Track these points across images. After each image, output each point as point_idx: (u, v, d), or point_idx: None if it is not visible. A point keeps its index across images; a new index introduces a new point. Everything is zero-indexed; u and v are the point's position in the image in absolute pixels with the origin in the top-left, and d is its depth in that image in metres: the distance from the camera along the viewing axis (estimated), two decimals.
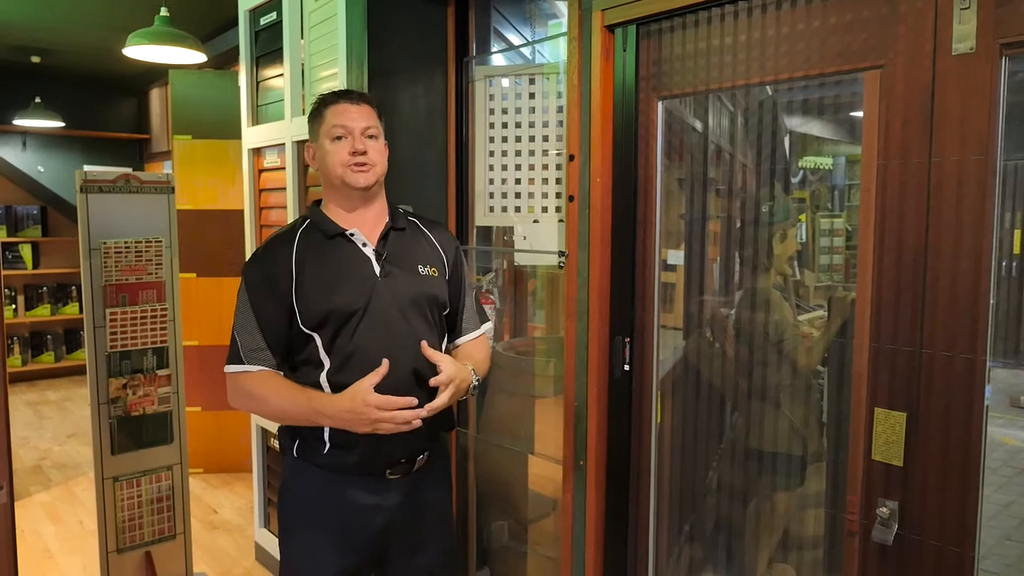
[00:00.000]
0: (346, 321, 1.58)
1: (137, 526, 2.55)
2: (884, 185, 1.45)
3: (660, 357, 1.93)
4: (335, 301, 1.58)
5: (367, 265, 1.63)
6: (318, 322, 1.58)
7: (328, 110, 1.66)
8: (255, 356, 1.60)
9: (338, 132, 1.63)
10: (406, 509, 1.67)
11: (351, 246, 1.64)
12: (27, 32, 5.15)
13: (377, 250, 1.65)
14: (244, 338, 1.61)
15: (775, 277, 2.05)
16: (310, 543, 1.65)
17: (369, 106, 1.69)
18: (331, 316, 1.57)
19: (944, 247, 1.37)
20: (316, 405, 1.55)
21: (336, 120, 1.64)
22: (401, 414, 1.49)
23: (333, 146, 1.64)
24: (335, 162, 1.63)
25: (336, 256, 1.63)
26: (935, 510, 1.42)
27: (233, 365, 1.62)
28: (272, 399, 1.59)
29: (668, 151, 1.88)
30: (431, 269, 1.70)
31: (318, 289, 1.59)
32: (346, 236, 1.65)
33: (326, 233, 1.65)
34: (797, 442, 1.99)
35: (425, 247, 1.74)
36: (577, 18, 1.90)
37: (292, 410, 1.58)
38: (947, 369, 1.38)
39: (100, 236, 2.41)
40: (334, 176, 1.65)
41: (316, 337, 1.59)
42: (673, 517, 2.01)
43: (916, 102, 1.40)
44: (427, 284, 1.68)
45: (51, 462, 4.59)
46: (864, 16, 1.45)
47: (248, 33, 2.89)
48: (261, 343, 1.60)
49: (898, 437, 1.46)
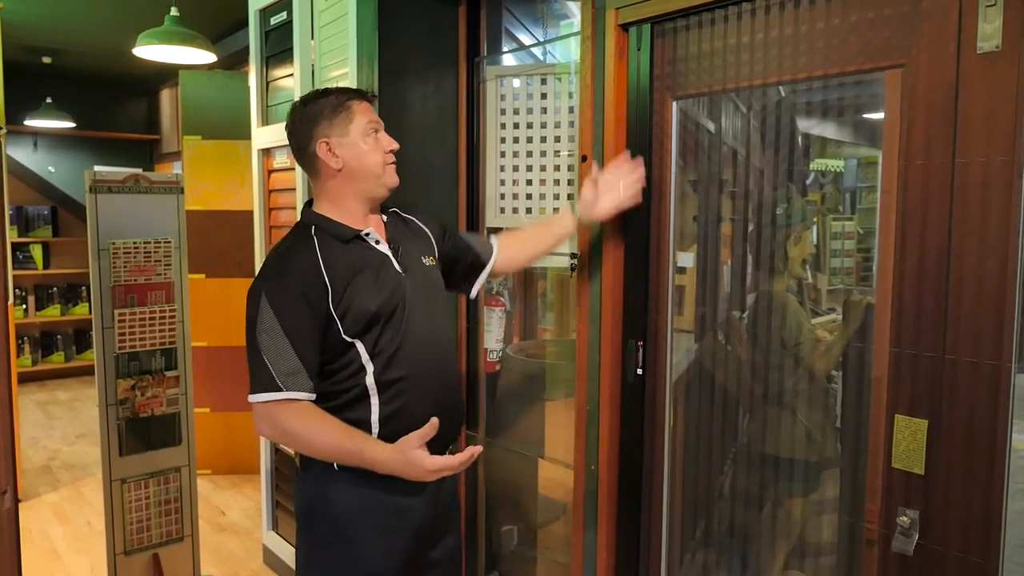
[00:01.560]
0: (388, 321, 1.55)
1: (145, 528, 2.54)
2: (906, 186, 1.42)
3: (673, 361, 1.90)
4: (376, 304, 1.54)
5: (388, 264, 1.60)
6: (362, 328, 1.53)
7: (357, 105, 1.59)
8: (293, 381, 1.48)
9: (375, 127, 1.60)
10: (434, 504, 1.66)
11: (367, 247, 1.60)
12: (38, 32, 5.17)
13: (392, 247, 1.63)
14: (277, 362, 1.47)
15: (789, 280, 2.02)
16: (352, 559, 1.58)
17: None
18: (376, 319, 1.53)
19: (968, 250, 1.34)
20: (367, 459, 1.47)
21: (370, 115, 1.60)
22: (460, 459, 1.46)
23: (371, 143, 1.59)
24: (376, 160, 1.59)
25: (359, 259, 1.57)
26: (958, 520, 1.39)
27: (266, 393, 1.47)
28: (315, 441, 1.49)
29: (683, 152, 1.85)
30: (429, 259, 1.71)
31: (357, 294, 1.53)
32: (361, 237, 1.60)
33: (341, 237, 1.58)
34: (811, 448, 1.96)
35: (417, 237, 1.74)
36: (590, 17, 1.88)
37: (338, 456, 1.51)
38: (971, 376, 1.35)
39: (109, 236, 2.40)
40: (372, 175, 1.59)
41: (358, 343, 1.53)
42: (686, 523, 1.98)
43: (939, 102, 1.36)
44: (434, 274, 1.71)
45: (60, 462, 4.59)
46: (886, 14, 1.42)
47: (258, 33, 2.87)
48: (298, 365, 1.48)
49: (919, 445, 1.43)
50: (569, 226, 1.87)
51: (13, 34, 5.06)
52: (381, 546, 1.59)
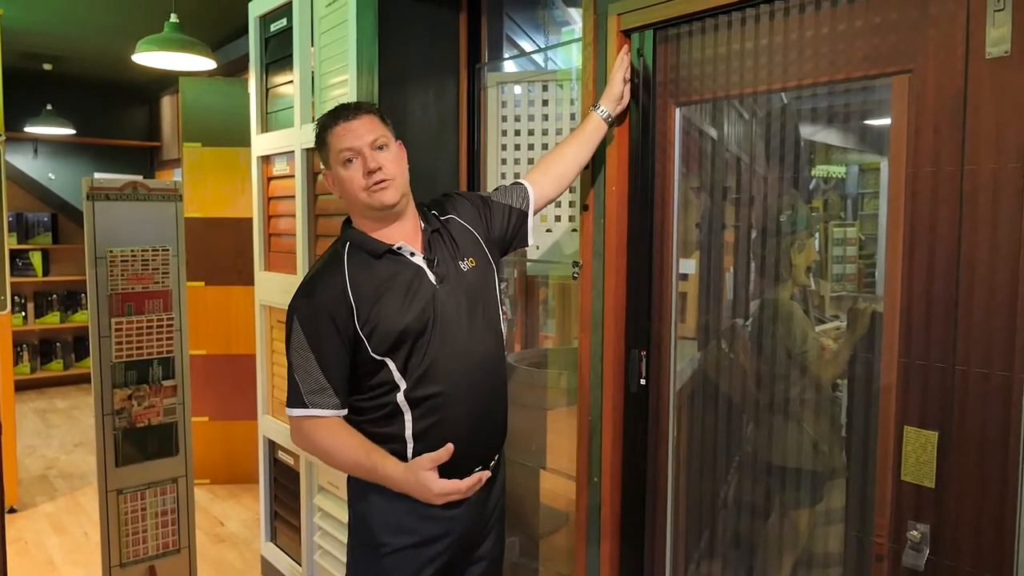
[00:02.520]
0: (419, 336, 1.53)
1: (141, 540, 2.51)
2: (914, 194, 1.39)
3: (677, 370, 1.87)
4: (404, 322, 1.52)
5: (422, 276, 1.58)
6: (390, 346, 1.52)
7: (330, 135, 1.58)
8: (318, 399, 1.54)
9: (346, 156, 1.56)
10: (480, 511, 1.66)
11: (401, 260, 1.58)
12: (39, 39, 5.17)
13: (428, 258, 1.60)
14: (304, 380, 1.53)
15: (793, 288, 2.00)
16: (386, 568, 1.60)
17: (370, 115, 1.60)
18: (404, 338, 1.52)
19: (979, 259, 1.31)
20: (381, 474, 1.52)
21: (340, 144, 1.56)
22: (473, 488, 1.53)
23: (347, 172, 1.57)
24: (354, 189, 1.57)
25: (391, 275, 1.56)
26: (970, 534, 1.36)
27: (296, 408, 1.56)
28: (337, 455, 1.56)
29: (686, 159, 1.83)
30: (469, 260, 1.66)
31: (386, 313, 1.52)
32: (394, 251, 1.58)
33: (373, 253, 1.58)
34: (816, 458, 1.93)
35: (457, 237, 1.69)
36: (592, 23, 1.86)
37: (353, 468, 1.57)
38: (983, 387, 1.32)
39: (106, 244, 2.38)
40: (357, 203, 1.59)
41: (388, 361, 1.54)
42: (691, 535, 1.94)
43: (948, 107, 1.34)
44: (475, 277, 1.65)
45: (57, 472, 4.56)
46: (892, 19, 1.40)
47: (258, 40, 2.86)
48: (324, 383, 1.53)
49: (930, 457, 1.40)
50: (602, 129, 1.80)
51: (14, 41, 5.05)
52: (417, 556, 1.59)
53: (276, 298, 2.77)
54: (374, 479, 1.54)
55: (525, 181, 1.83)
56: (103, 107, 7.11)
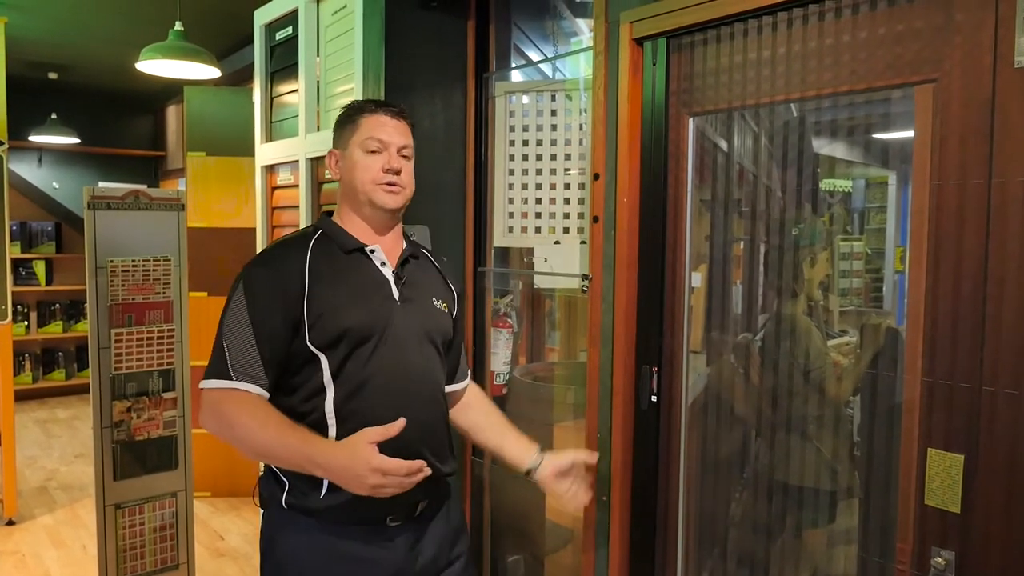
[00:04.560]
0: (361, 344, 1.43)
1: (139, 555, 2.46)
2: (939, 208, 1.34)
3: (689, 385, 1.82)
4: (352, 320, 1.42)
5: (385, 287, 1.51)
6: (330, 341, 1.41)
7: (364, 119, 1.52)
8: (245, 372, 1.38)
9: (373, 146, 1.50)
10: (414, 561, 1.50)
11: (369, 264, 1.52)
12: (44, 48, 5.16)
13: (397, 273, 1.53)
14: (235, 350, 1.39)
15: (804, 303, 1.96)
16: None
17: (408, 124, 1.58)
18: (346, 336, 1.42)
19: (1008, 275, 1.26)
20: (310, 451, 1.33)
21: (373, 132, 1.51)
22: (411, 478, 1.31)
23: (366, 160, 1.50)
24: (365, 178, 1.50)
25: (353, 272, 1.49)
26: (997, 562, 1.30)
27: (214, 380, 1.39)
28: (257, 432, 1.35)
29: (700, 171, 1.79)
30: (443, 304, 1.61)
31: (333, 304, 1.43)
32: (365, 252, 1.52)
33: (343, 247, 1.51)
34: (828, 477, 1.88)
35: (438, 281, 1.65)
36: (603, 31, 1.82)
37: (279, 450, 1.36)
38: (1011, 408, 1.27)
39: (107, 254, 2.34)
40: (361, 192, 1.51)
41: (322, 358, 1.41)
42: (702, 554, 1.89)
43: (974, 118, 1.29)
44: (441, 319, 1.59)
45: (57, 483, 4.51)
46: (916, 26, 1.36)
47: (263, 48, 2.83)
48: (255, 359, 1.39)
49: (955, 481, 1.34)
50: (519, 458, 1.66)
51: (19, 49, 5.05)
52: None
53: None
54: (298, 459, 1.34)
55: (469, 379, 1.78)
56: (108, 116, 7.10)
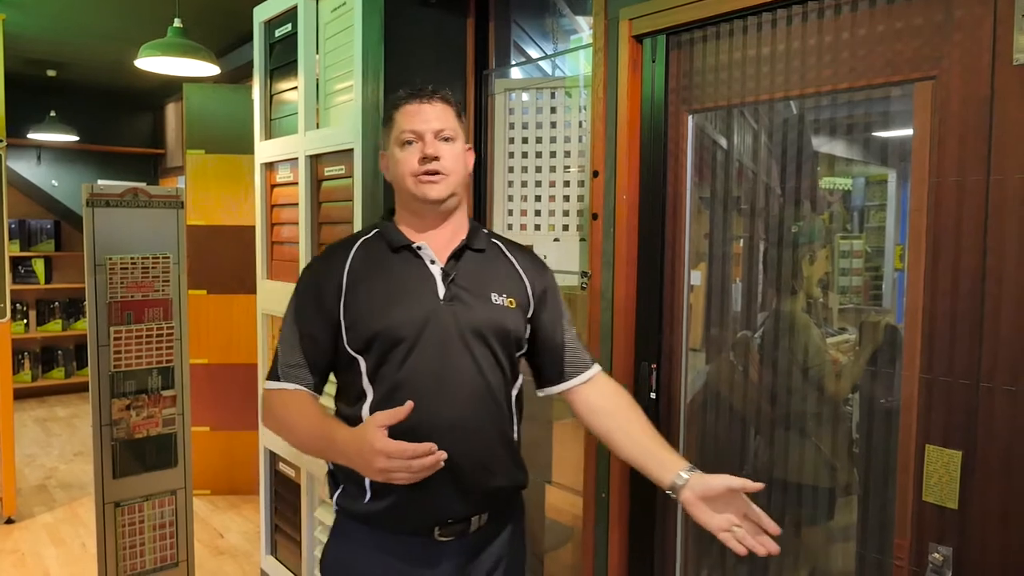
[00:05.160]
0: (395, 346, 1.37)
1: (139, 553, 2.46)
2: (937, 205, 1.35)
3: (688, 382, 1.82)
4: (385, 322, 1.37)
5: (430, 285, 1.42)
6: (363, 344, 1.38)
7: (398, 113, 1.45)
8: (292, 374, 1.42)
9: (407, 137, 1.43)
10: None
11: (416, 263, 1.44)
12: (42, 45, 5.15)
13: (445, 270, 1.43)
14: (285, 352, 1.43)
15: (803, 300, 1.96)
16: None
17: (445, 103, 1.46)
18: (378, 339, 1.37)
19: (1006, 272, 1.26)
20: (332, 438, 1.32)
21: (405, 124, 1.43)
22: (419, 462, 1.21)
23: (402, 154, 1.43)
24: (403, 172, 1.43)
25: (397, 272, 1.43)
26: (995, 558, 1.30)
27: (269, 381, 1.45)
28: (298, 426, 1.39)
29: (700, 168, 1.79)
30: (508, 300, 1.45)
31: (369, 306, 1.39)
32: (412, 250, 1.44)
33: (391, 245, 1.45)
34: (827, 474, 1.88)
35: (505, 273, 1.50)
36: (603, 28, 1.82)
37: (313, 442, 1.38)
38: (1009, 405, 1.27)
39: (106, 251, 2.34)
40: (402, 188, 1.45)
41: (360, 361, 1.40)
42: (702, 550, 1.89)
43: (973, 116, 1.30)
44: (500, 314, 1.44)
45: (56, 481, 4.51)
46: (916, 24, 1.36)
47: (263, 45, 2.83)
48: (300, 360, 1.42)
49: (952, 477, 1.35)
50: (659, 474, 1.42)
51: (17, 47, 5.04)
52: None
53: (278, 307, 2.71)
54: (323, 447, 1.36)
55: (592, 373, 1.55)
56: (107, 114, 7.09)
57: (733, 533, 1.32)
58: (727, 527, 1.32)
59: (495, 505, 1.45)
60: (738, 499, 1.33)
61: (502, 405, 1.44)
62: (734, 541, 1.31)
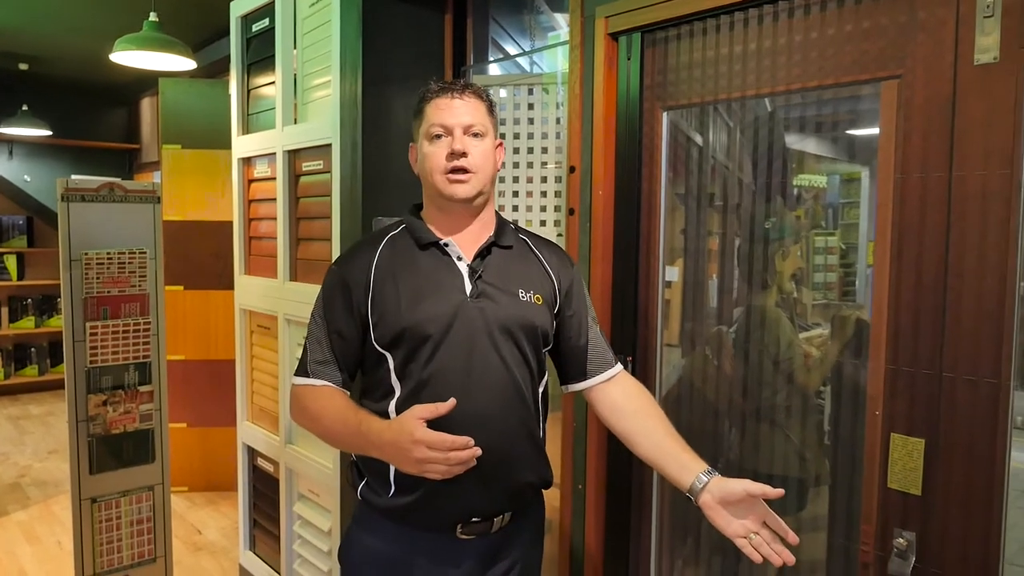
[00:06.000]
0: (422, 343, 1.36)
1: (116, 549, 2.45)
2: (902, 200, 1.39)
3: (664, 376, 1.85)
4: (412, 318, 1.37)
5: (457, 282, 1.41)
6: (391, 340, 1.38)
7: (429, 106, 1.43)
8: (321, 370, 1.43)
9: (436, 131, 1.40)
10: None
11: (445, 259, 1.43)
12: (14, 38, 5.07)
13: (472, 266, 1.43)
14: (313, 349, 1.45)
15: (777, 295, 1.99)
16: None
17: (477, 98, 1.44)
18: (404, 335, 1.37)
19: (967, 266, 1.31)
20: (364, 429, 1.33)
21: (434, 118, 1.41)
22: (457, 455, 1.23)
23: (430, 148, 1.41)
24: (431, 168, 1.41)
25: (425, 269, 1.42)
26: (956, 542, 1.35)
27: (298, 376, 1.46)
28: (326, 418, 1.40)
29: (674, 164, 1.82)
30: (535, 296, 1.45)
31: (397, 303, 1.39)
32: (440, 247, 1.44)
33: (419, 242, 1.44)
34: (799, 464, 1.92)
35: (532, 270, 1.49)
36: (579, 25, 1.84)
37: (342, 433, 1.39)
38: (970, 394, 1.32)
39: (82, 247, 2.33)
40: (430, 184, 1.43)
41: (388, 357, 1.40)
42: (676, 541, 1.93)
43: (936, 114, 1.34)
44: (527, 311, 1.43)
45: (30, 479, 4.46)
46: (881, 24, 1.39)
47: (240, 40, 2.82)
48: (329, 356, 1.43)
49: (916, 465, 1.39)
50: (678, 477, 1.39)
51: None
52: None
53: (256, 302, 2.72)
54: (356, 439, 1.36)
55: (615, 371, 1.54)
56: (81, 108, 6.99)
57: (750, 540, 1.29)
58: (744, 534, 1.30)
59: (518, 504, 1.46)
60: (758, 505, 1.30)
61: (528, 402, 1.43)
62: (750, 548, 1.28)
